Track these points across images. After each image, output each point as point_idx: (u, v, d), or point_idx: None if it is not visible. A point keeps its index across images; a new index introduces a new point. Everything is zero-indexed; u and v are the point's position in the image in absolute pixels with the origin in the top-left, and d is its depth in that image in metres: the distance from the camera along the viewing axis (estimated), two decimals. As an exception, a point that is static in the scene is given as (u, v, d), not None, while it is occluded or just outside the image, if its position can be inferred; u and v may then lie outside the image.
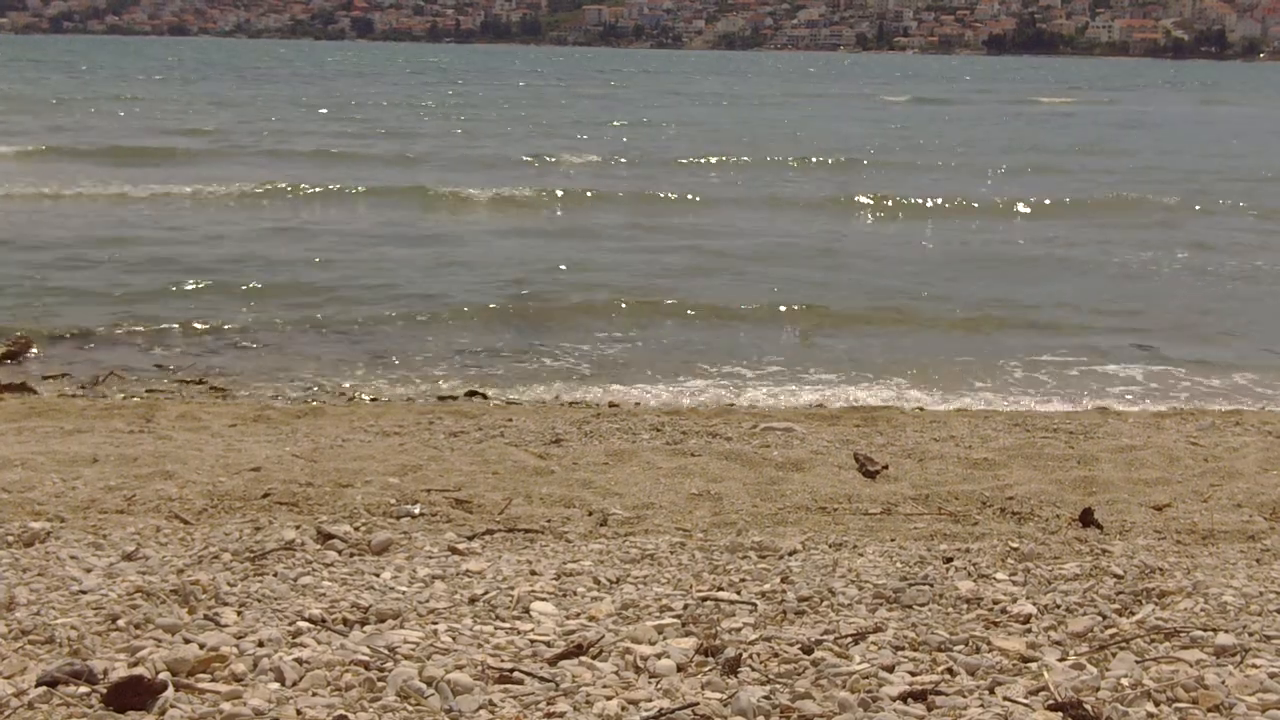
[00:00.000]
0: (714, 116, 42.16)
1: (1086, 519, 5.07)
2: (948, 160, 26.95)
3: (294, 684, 3.00)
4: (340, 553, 4.21)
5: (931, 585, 3.86)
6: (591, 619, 3.54)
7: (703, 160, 25.75)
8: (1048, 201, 19.86)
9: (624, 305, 11.26)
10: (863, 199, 19.75)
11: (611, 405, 7.94)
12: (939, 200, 19.70)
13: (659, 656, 3.21)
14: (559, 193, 19.77)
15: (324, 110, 39.43)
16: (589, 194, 19.86)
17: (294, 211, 17.60)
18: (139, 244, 13.99)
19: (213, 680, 3.02)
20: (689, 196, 19.69)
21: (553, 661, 3.20)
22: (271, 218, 16.64)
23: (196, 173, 21.41)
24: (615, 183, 21.58)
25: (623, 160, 25.52)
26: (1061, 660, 3.27)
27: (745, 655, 3.23)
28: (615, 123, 37.23)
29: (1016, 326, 10.97)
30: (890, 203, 19.51)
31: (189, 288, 11.58)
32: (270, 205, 18.19)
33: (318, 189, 19.37)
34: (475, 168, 23.69)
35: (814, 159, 26.47)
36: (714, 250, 14.74)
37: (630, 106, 46.89)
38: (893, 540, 4.64)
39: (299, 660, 3.13)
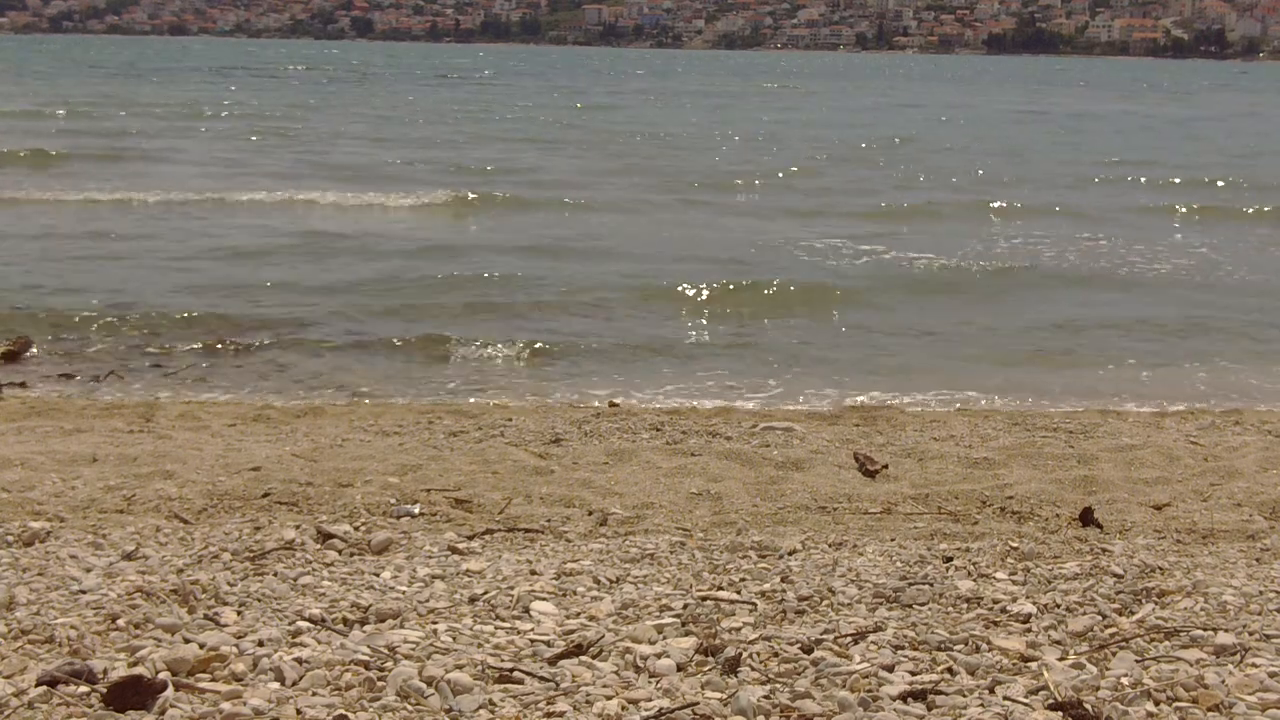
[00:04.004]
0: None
1: (1086, 518, 5.08)
2: None
3: (294, 684, 3.01)
4: (340, 552, 4.21)
5: (931, 585, 3.87)
6: (591, 619, 3.54)
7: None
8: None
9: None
10: None
11: (611, 405, 7.93)
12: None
13: (659, 656, 3.21)
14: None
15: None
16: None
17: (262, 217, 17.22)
18: (146, 244, 13.99)
19: (213, 680, 3.03)
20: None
21: (553, 661, 3.20)
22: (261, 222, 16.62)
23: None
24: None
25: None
26: (1061, 659, 3.28)
27: (745, 655, 3.23)
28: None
29: (1018, 325, 10.96)
30: None
31: (191, 288, 11.58)
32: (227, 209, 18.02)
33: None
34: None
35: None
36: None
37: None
38: (893, 540, 4.64)
39: (299, 660, 3.13)
